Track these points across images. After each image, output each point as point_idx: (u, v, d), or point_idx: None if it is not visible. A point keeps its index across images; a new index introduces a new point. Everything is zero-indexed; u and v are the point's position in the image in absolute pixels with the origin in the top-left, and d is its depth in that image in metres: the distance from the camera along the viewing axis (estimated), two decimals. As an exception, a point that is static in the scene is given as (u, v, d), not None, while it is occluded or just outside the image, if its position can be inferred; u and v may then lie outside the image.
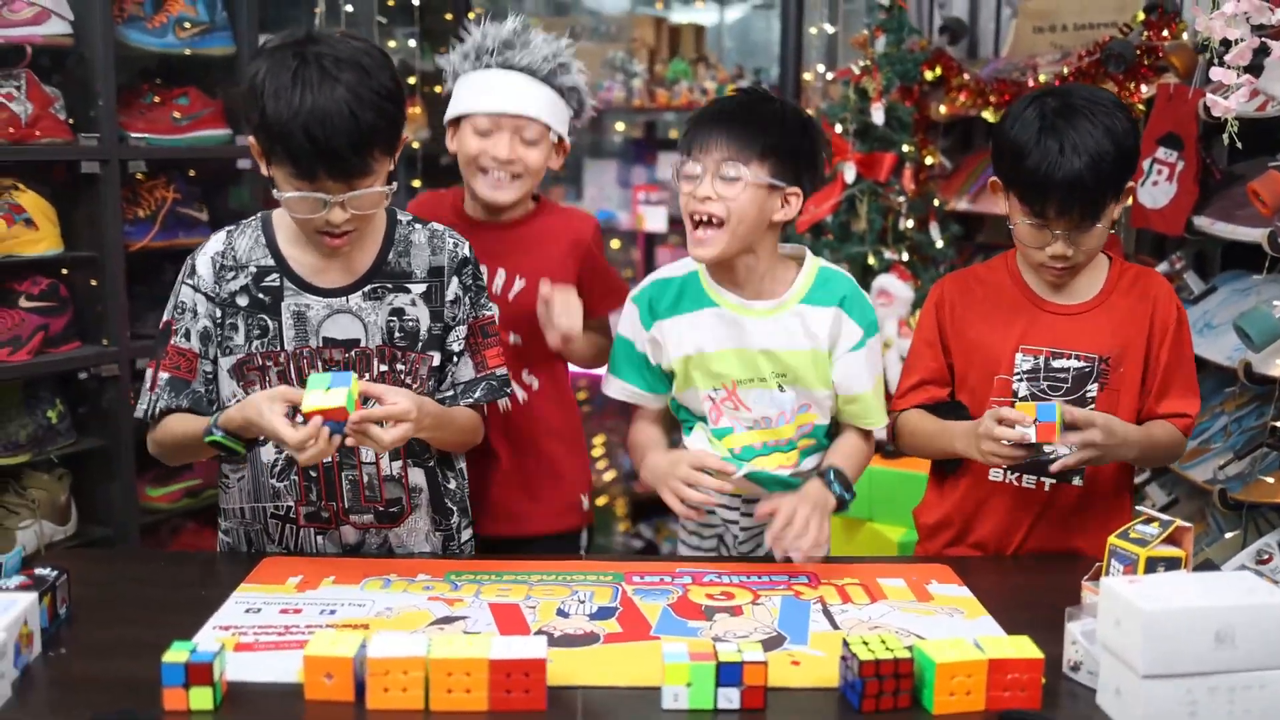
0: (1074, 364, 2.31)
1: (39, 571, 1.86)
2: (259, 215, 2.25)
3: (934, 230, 4.03)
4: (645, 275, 5.37)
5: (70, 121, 3.29)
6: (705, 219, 2.18)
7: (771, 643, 1.85)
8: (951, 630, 1.92)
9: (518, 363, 2.53)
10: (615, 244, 5.46)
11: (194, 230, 3.58)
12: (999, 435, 2.12)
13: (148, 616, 1.98)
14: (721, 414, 2.33)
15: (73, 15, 3.25)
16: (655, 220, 4.94)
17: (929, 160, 4.12)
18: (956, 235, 4.14)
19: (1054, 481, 2.33)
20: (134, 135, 3.42)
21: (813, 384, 2.30)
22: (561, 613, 1.96)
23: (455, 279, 2.26)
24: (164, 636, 1.70)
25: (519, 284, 2.52)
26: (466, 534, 2.39)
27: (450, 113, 2.54)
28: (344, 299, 2.19)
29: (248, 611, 1.95)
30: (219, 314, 2.18)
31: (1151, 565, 1.80)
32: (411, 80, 4.71)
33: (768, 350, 2.28)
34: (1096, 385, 2.30)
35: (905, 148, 3.96)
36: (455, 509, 2.36)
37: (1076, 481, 2.33)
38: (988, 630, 1.92)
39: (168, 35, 3.52)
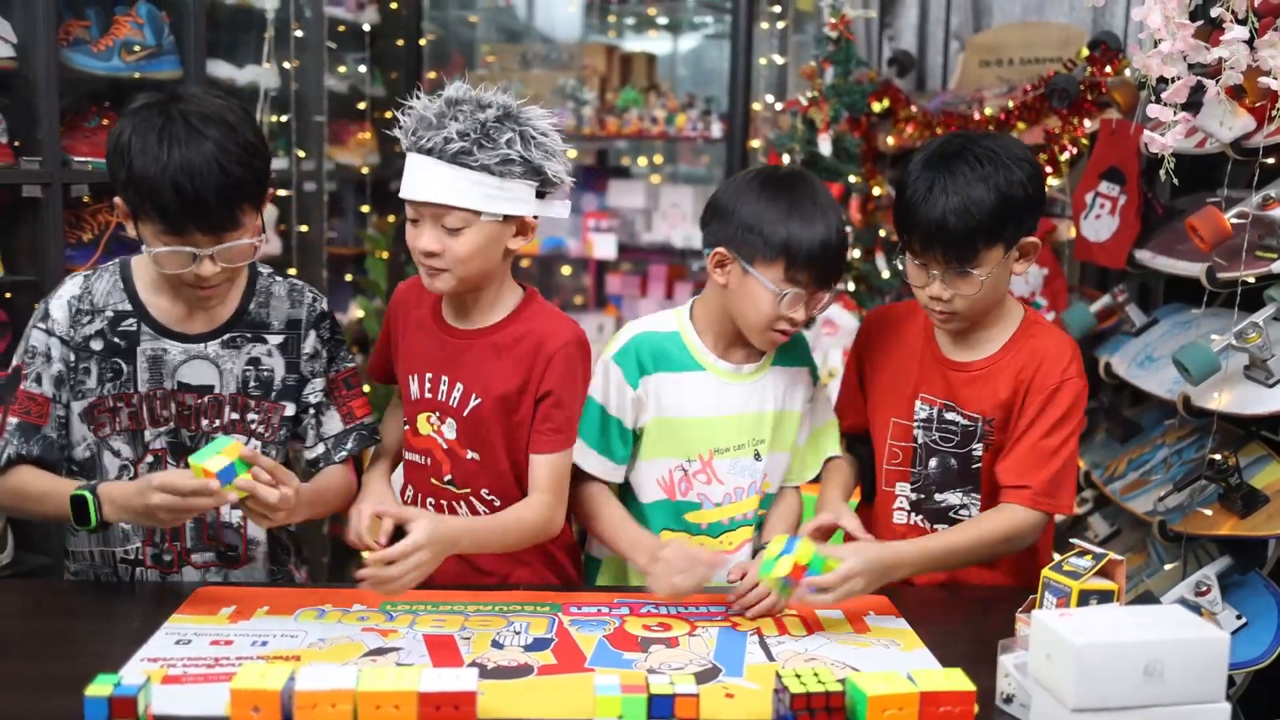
0: (961, 420, 2.33)
1: (-38, 603, 1.84)
2: (117, 261, 2.25)
3: (880, 261, 4.05)
4: (596, 301, 5.39)
5: (14, 145, 3.25)
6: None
7: (706, 674, 1.85)
8: (887, 662, 1.92)
9: (476, 481, 2.27)
10: (566, 270, 5.46)
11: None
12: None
13: (76, 649, 1.95)
14: (691, 486, 2.32)
15: (16, 38, 3.22)
16: (605, 248, 4.94)
17: (876, 191, 4.14)
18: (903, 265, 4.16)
19: (945, 528, 2.35)
20: (78, 159, 3.38)
21: (785, 446, 2.35)
22: (496, 644, 1.95)
23: (313, 332, 2.30)
24: (92, 669, 1.68)
25: (474, 401, 2.24)
26: (302, 573, 2.45)
27: None
28: (203, 345, 2.22)
29: (178, 643, 1.92)
30: (73, 358, 2.18)
31: (1084, 598, 1.81)
32: (362, 106, 4.70)
33: (752, 414, 2.29)
34: (981, 445, 2.32)
35: (852, 178, 3.98)
36: (292, 548, 2.42)
37: (964, 514, 2.36)
38: (923, 663, 1.92)
39: (113, 59, 3.49)
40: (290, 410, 2.29)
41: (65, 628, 2.05)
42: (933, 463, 2.35)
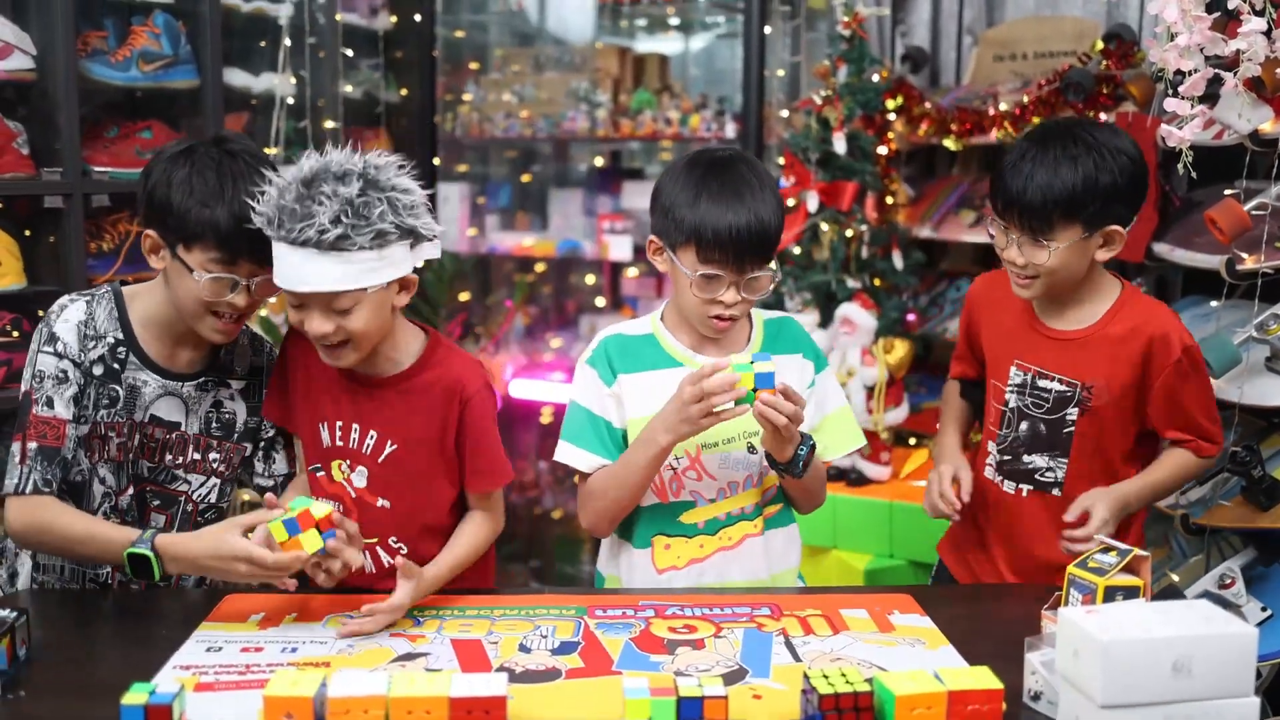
0: (1056, 386, 2.41)
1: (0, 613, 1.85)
2: (109, 289, 2.29)
3: (896, 258, 4.04)
4: (612, 302, 5.39)
5: (33, 156, 3.27)
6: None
7: (733, 676, 1.85)
8: (913, 661, 1.92)
9: (384, 529, 2.27)
10: (581, 272, 5.48)
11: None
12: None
13: (108, 657, 1.97)
14: (683, 485, 2.31)
15: (36, 50, 3.25)
16: (620, 249, 4.94)
17: (891, 188, 4.14)
18: (919, 263, 4.16)
19: (1030, 488, 2.45)
20: (97, 169, 3.41)
21: None
22: (524, 648, 1.96)
23: (273, 378, 2.39)
24: (124, 677, 1.69)
25: (390, 447, 2.24)
26: None
27: None
28: (179, 384, 2.31)
29: (209, 650, 1.94)
30: (84, 381, 2.22)
31: (1110, 594, 1.81)
32: (377, 111, 4.72)
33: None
34: (1076, 410, 2.39)
35: (867, 176, 3.98)
36: None
37: (1056, 493, 2.42)
38: (949, 661, 1.92)
39: (131, 69, 3.51)
40: (249, 450, 2.40)
41: (97, 635, 2.08)
42: (1023, 426, 2.45)
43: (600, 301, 5.43)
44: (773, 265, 2.23)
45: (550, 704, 1.76)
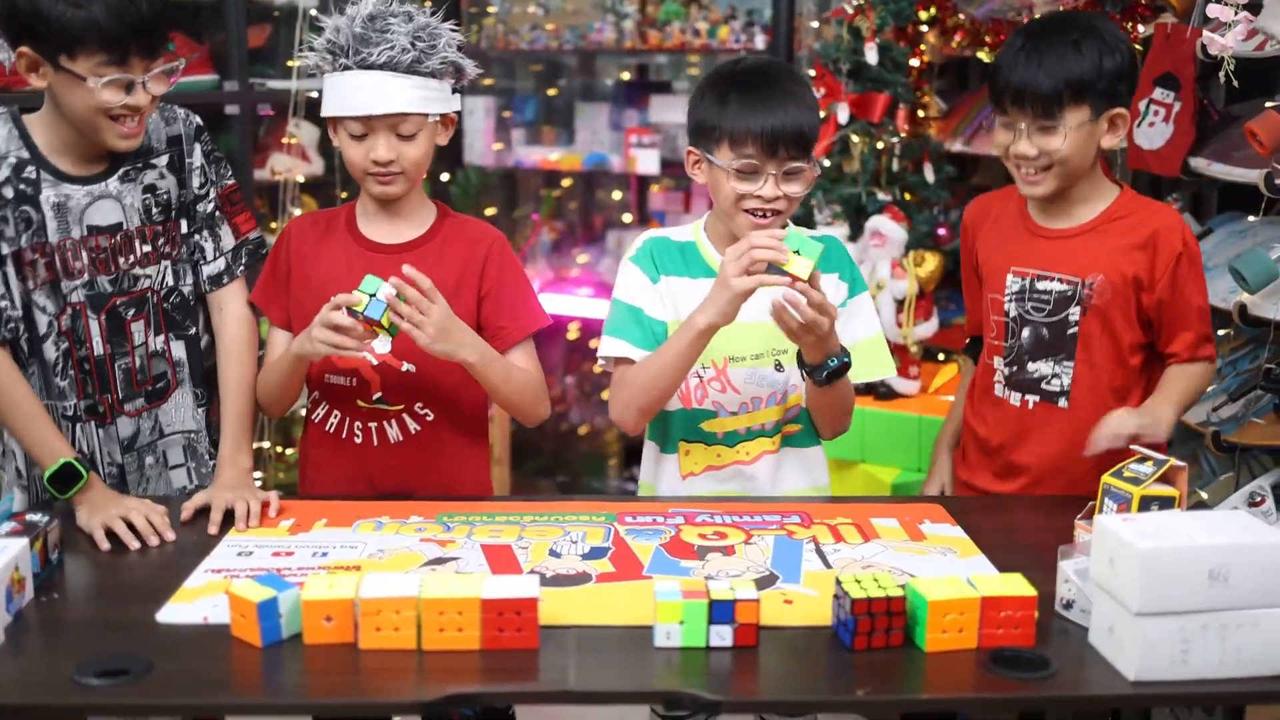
0: (1055, 286, 2.36)
1: (30, 518, 1.86)
2: (7, 112, 2.23)
3: (928, 171, 3.99)
4: (639, 217, 5.35)
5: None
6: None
7: (764, 581, 1.85)
8: (944, 569, 1.92)
9: (411, 395, 2.32)
10: (608, 186, 5.44)
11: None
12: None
13: (138, 561, 1.97)
14: (706, 394, 2.32)
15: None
16: (647, 163, 4.88)
17: (923, 101, 4.08)
18: (950, 176, 4.10)
19: (1036, 399, 2.39)
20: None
21: None
22: (554, 553, 1.96)
23: (197, 145, 2.36)
24: (154, 581, 1.70)
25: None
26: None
27: (324, 112, 2.28)
28: (104, 184, 2.24)
29: (239, 555, 1.95)
30: None
31: (1145, 504, 1.80)
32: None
33: (771, 324, 2.16)
34: (1078, 309, 2.35)
35: (899, 88, 3.92)
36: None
37: (1063, 404, 2.37)
38: (981, 569, 1.92)
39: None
40: (184, 227, 2.36)
41: (122, 543, 2.07)
42: (1025, 333, 2.40)
43: (627, 217, 5.39)
44: (813, 160, 2.24)
45: (581, 606, 1.76)
